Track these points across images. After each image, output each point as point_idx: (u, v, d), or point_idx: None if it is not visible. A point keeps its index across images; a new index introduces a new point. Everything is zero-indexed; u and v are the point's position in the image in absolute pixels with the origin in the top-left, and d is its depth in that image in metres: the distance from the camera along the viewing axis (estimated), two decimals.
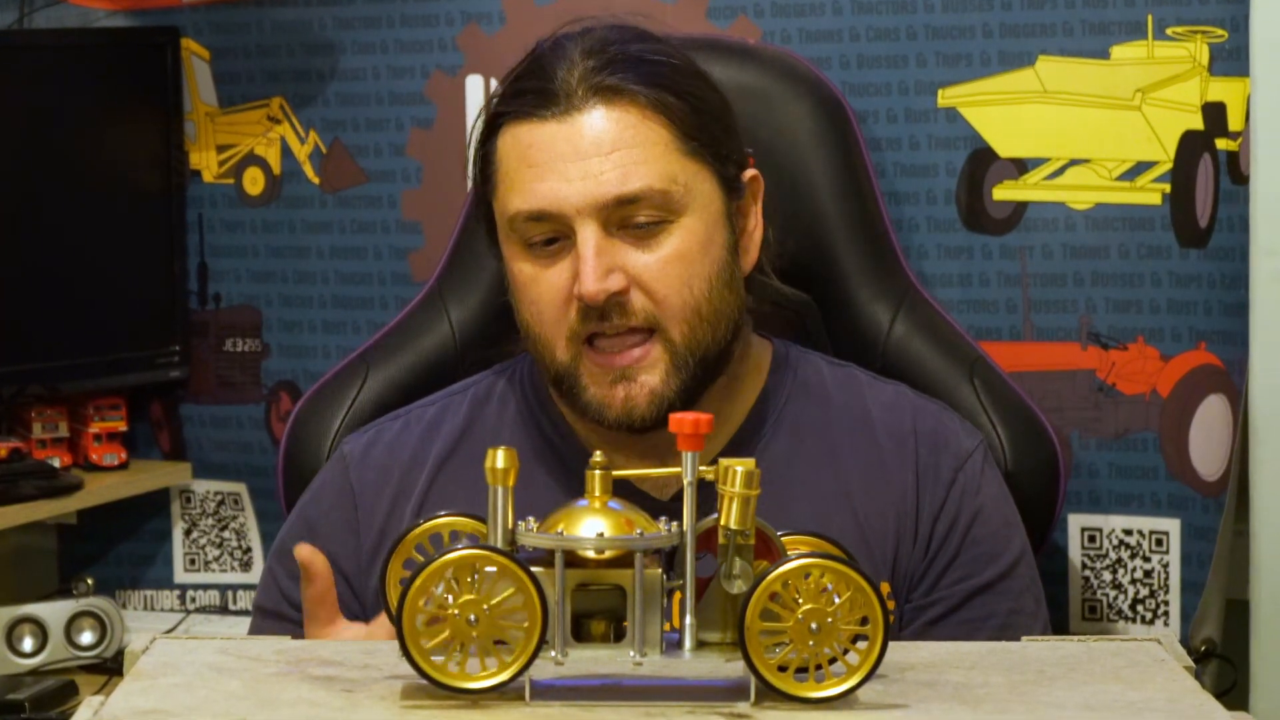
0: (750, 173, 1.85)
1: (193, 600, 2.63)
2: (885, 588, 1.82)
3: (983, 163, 2.24)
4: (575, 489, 1.66)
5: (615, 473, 1.38)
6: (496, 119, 1.81)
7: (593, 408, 1.78)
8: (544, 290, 1.78)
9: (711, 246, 1.79)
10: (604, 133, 1.76)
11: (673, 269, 1.77)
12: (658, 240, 1.77)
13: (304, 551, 1.66)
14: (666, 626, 1.36)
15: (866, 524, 1.83)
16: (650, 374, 1.77)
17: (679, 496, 1.76)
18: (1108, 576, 2.26)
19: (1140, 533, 2.24)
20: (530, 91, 1.78)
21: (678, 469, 1.36)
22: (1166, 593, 2.23)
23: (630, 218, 1.76)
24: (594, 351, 1.78)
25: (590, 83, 1.76)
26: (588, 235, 1.75)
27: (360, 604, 1.84)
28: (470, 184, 1.89)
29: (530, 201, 1.77)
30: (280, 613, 1.85)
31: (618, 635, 1.36)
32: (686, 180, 1.78)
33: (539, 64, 1.80)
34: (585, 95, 1.76)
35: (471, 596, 1.32)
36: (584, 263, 1.74)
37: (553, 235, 1.78)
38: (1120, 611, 2.26)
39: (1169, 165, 2.19)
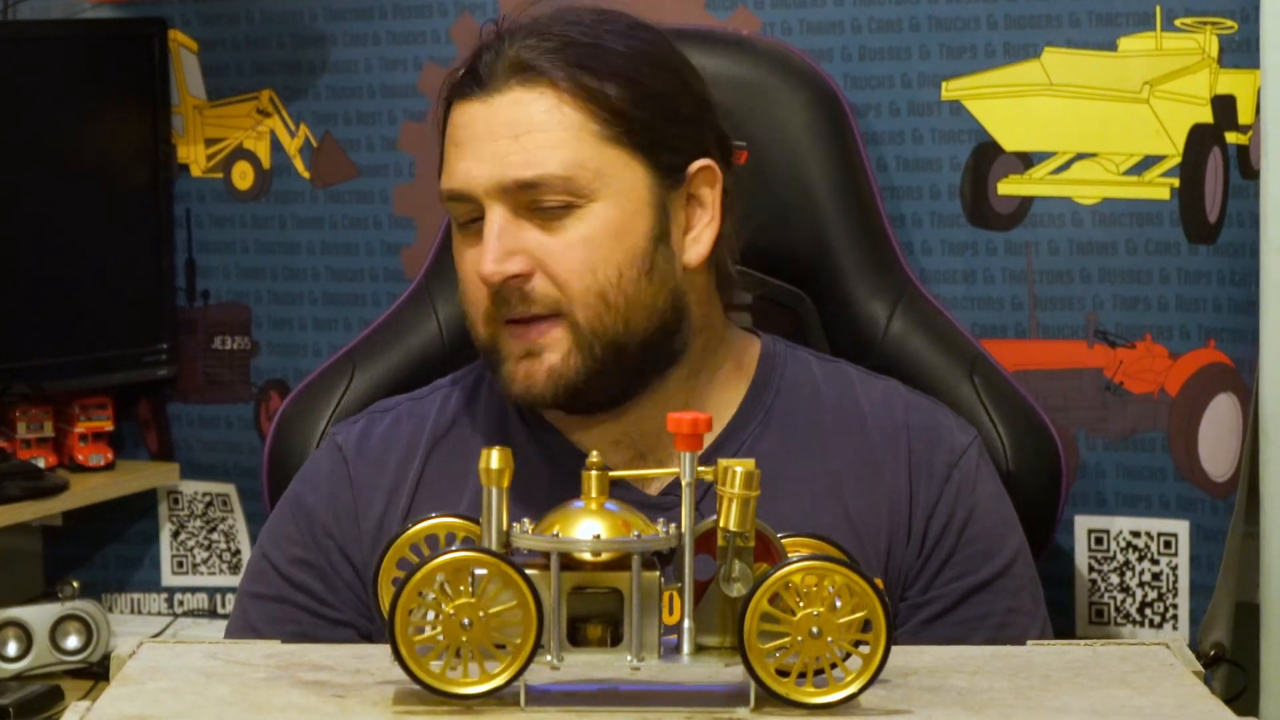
0: (700, 163, 1.83)
1: (181, 603, 2.62)
2: (878, 583, 1.81)
3: (987, 157, 2.24)
4: (561, 476, 1.65)
5: (612, 474, 1.37)
6: (445, 102, 1.84)
7: (503, 384, 1.81)
8: (466, 269, 1.82)
9: (626, 235, 1.78)
10: (517, 114, 1.77)
11: (576, 253, 1.77)
12: (563, 224, 1.78)
13: None
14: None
15: (858, 519, 1.83)
16: (552, 352, 1.78)
17: (667, 491, 1.78)
18: (1115, 579, 2.25)
19: (1148, 535, 2.23)
20: (467, 72, 1.81)
21: (675, 470, 1.35)
22: (1175, 596, 2.23)
23: (537, 201, 1.77)
24: (511, 326, 1.80)
25: (512, 63, 1.78)
26: (493, 217, 1.77)
27: (366, 592, 1.84)
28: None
29: (449, 181, 1.80)
30: (283, 596, 1.85)
31: (615, 639, 1.35)
32: (599, 166, 1.77)
33: (478, 44, 1.83)
34: (505, 76, 1.78)
35: (465, 600, 1.31)
36: (485, 244, 1.77)
37: (475, 215, 1.80)
38: (1127, 615, 2.25)
39: (1177, 159, 2.18)
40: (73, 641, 2.50)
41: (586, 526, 1.34)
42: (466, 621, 1.31)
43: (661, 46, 1.84)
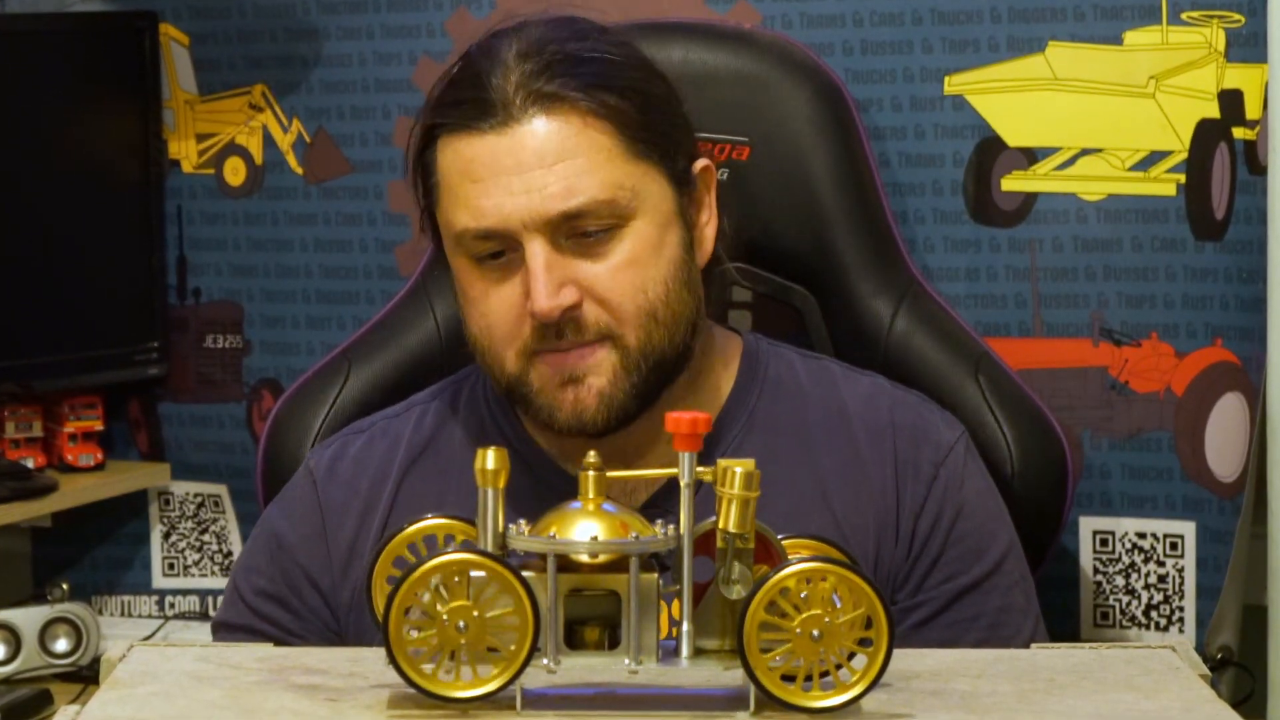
0: (701, 163, 1.83)
1: (171, 606, 2.62)
2: None
3: (991, 152, 2.23)
4: (541, 496, 1.65)
5: (609, 474, 1.36)
6: (433, 129, 1.79)
7: (544, 413, 1.77)
8: (494, 306, 1.77)
9: (664, 248, 1.77)
10: (545, 143, 1.74)
11: (625, 276, 1.75)
12: (608, 248, 1.75)
13: None
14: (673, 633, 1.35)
15: (845, 523, 1.81)
16: (598, 376, 1.76)
17: (650, 503, 1.80)
18: (1120, 581, 2.24)
19: (1154, 536, 2.23)
20: (466, 101, 1.76)
21: (673, 470, 1.34)
22: (1181, 598, 2.22)
23: (579, 228, 1.75)
24: (543, 355, 1.77)
25: (528, 90, 1.74)
26: (537, 250, 1.73)
27: (335, 617, 1.84)
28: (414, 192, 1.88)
29: (477, 219, 1.75)
30: (251, 627, 1.85)
31: (612, 642, 1.34)
32: (634, 184, 1.76)
33: (473, 70, 1.77)
34: (524, 104, 1.74)
35: (461, 602, 1.31)
36: (535, 280, 1.73)
37: (500, 249, 1.76)
38: (1133, 618, 2.25)
39: (1184, 155, 2.17)
40: (62, 644, 2.49)
41: (584, 528, 1.32)
42: (462, 624, 1.30)
43: (640, 51, 1.83)
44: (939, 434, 1.85)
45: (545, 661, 1.32)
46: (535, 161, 1.73)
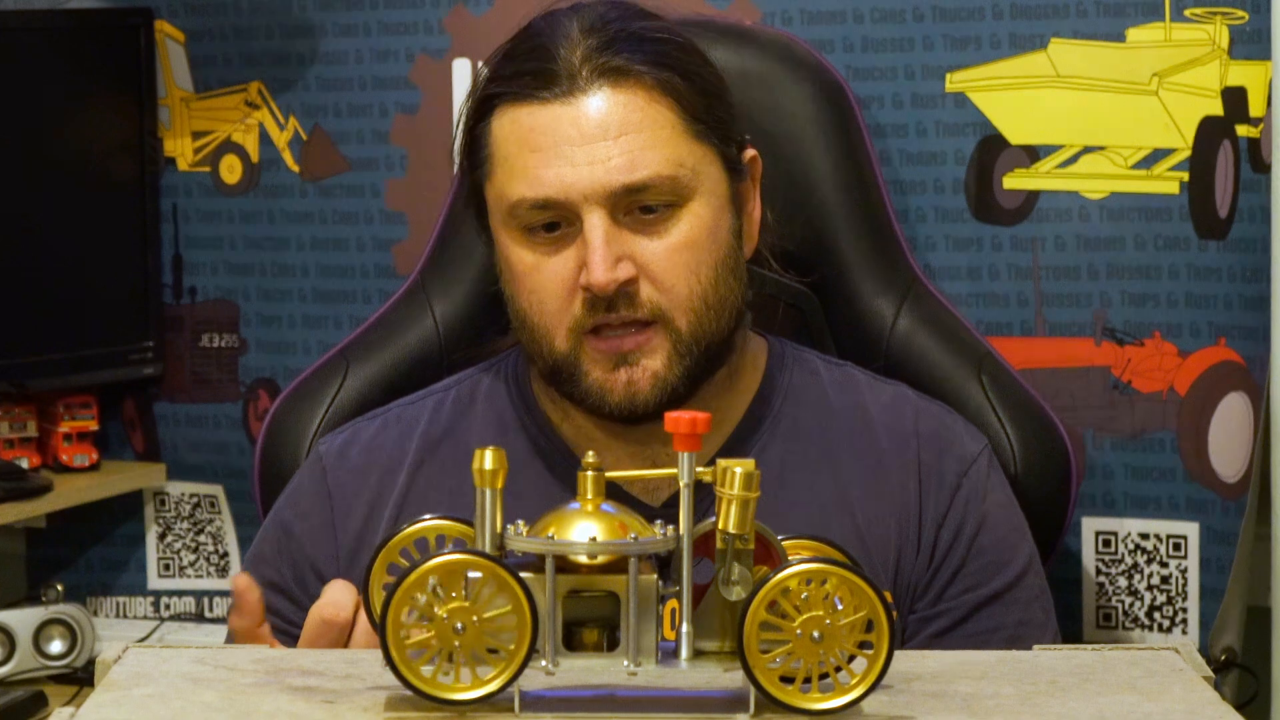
0: (750, 153, 1.83)
1: (167, 607, 2.61)
2: (887, 596, 1.79)
3: (993, 150, 2.23)
4: (561, 492, 1.63)
5: (608, 474, 1.35)
6: (490, 100, 1.78)
7: (593, 393, 1.76)
8: (546, 279, 1.76)
9: (718, 232, 1.77)
10: (610, 116, 1.73)
11: (681, 257, 1.75)
12: (666, 227, 1.75)
13: (240, 581, 1.62)
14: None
15: (867, 530, 1.81)
16: (652, 358, 1.75)
17: (671, 502, 1.77)
18: (1123, 582, 2.24)
19: (1157, 537, 2.23)
20: (529, 72, 1.75)
21: (673, 470, 1.33)
22: (1185, 599, 2.22)
23: (639, 202, 1.74)
24: (596, 338, 1.76)
25: (595, 63, 1.74)
26: (596, 223, 1.73)
27: None
28: (456, 168, 1.88)
29: (535, 189, 1.74)
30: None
31: (611, 644, 1.33)
32: (694, 164, 1.76)
33: (536, 42, 1.77)
34: (590, 76, 1.74)
35: (458, 604, 1.29)
36: (593, 252, 1.72)
37: (554, 220, 1.75)
38: (1136, 619, 2.24)
39: (1187, 153, 2.17)
40: (56, 646, 2.49)
41: (583, 528, 1.31)
42: (459, 626, 1.29)
43: (692, 38, 1.83)
44: (963, 445, 1.85)
45: (543, 663, 1.31)
46: (599, 133, 1.72)
